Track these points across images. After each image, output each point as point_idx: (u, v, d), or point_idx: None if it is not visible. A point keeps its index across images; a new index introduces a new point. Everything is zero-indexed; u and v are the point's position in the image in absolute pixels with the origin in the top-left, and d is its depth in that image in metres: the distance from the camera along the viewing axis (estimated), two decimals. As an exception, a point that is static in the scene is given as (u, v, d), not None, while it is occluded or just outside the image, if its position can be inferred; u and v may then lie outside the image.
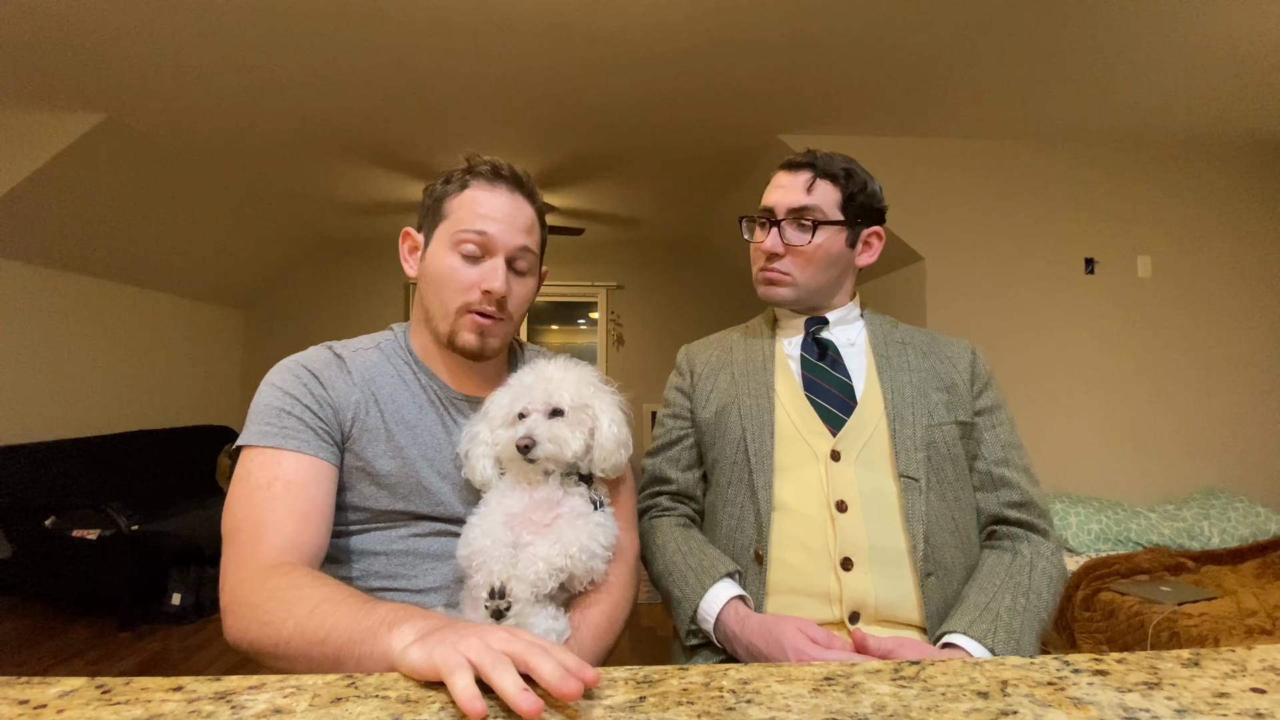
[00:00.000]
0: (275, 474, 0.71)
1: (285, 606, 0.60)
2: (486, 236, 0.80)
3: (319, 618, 0.58)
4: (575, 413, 0.79)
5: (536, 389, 0.79)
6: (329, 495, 0.74)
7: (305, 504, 0.71)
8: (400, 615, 0.54)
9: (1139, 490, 3.04)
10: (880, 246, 1.00)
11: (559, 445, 0.76)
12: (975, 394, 0.94)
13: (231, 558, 0.68)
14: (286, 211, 4.42)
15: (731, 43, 2.34)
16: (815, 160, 0.96)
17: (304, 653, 0.58)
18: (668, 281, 5.64)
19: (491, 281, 0.80)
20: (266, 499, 0.69)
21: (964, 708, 0.41)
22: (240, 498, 0.71)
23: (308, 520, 0.70)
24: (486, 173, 0.83)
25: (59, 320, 3.45)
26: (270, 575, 0.64)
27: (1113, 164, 3.19)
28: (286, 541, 0.68)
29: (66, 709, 0.41)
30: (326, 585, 0.62)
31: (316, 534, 0.71)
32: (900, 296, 3.39)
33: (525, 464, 0.76)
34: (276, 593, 0.62)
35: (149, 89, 2.64)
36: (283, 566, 0.65)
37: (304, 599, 0.60)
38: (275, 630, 0.59)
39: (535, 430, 0.75)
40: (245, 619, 0.62)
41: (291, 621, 0.59)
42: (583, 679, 0.42)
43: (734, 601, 0.83)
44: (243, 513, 0.70)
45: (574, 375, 0.81)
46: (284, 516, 0.69)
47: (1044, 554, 0.85)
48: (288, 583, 0.63)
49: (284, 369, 0.78)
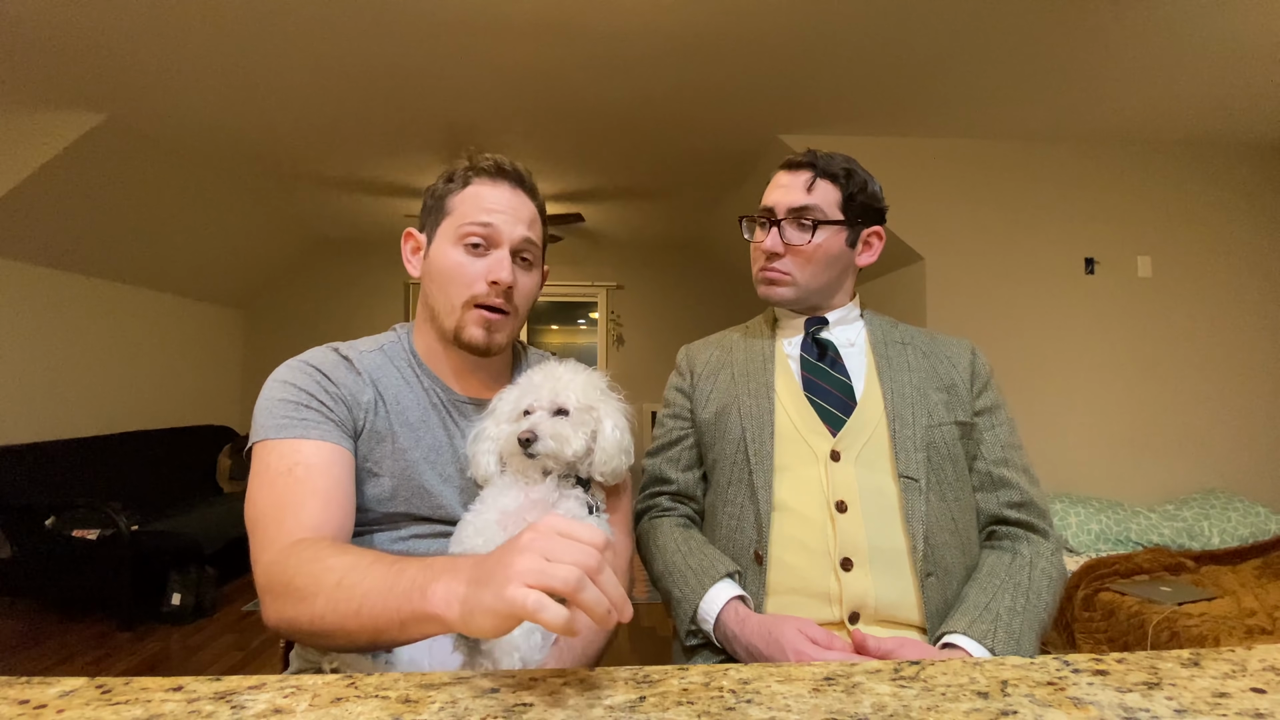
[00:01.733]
0: (296, 459, 0.70)
1: (314, 580, 0.59)
2: (491, 228, 0.81)
3: (347, 589, 0.57)
4: (579, 413, 0.79)
5: (544, 387, 0.79)
6: (350, 479, 0.74)
7: (327, 484, 0.70)
8: (428, 574, 0.53)
9: (1139, 490, 3.04)
10: (880, 246, 1.00)
11: (560, 443, 0.76)
12: (975, 394, 0.94)
13: (257, 543, 0.67)
14: (287, 211, 4.42)
15: (731, 43, 2.34)
16: (815, 160, 0.96)
17: (340, 626, 0.57)
18: (668, 281, 5.64)
19: (498, 272, 0.80)
20: (288, 484, 0.69)
21: (964, 708, 0.41)
22: (261, 488, 0.70)
23: (330, 499, 0.70)
24: (489, 169, 0.84)
25: (59, 320, 3.45)
26: (294, 551, 0.63)
27: (1113, 164, 3.19)
28: (310, 520, 0.67)
29: (66, 709, 0.41)
30: (348, 554, 0.61)
31: (340, 512, 0.70)
32: (900, 296, 3.39)
33: (525, 459, 0.76)
34: (302, 567, 0.61)
35: (149, 89, 2.64)
36: (304, 542, 0.64)
37: (329, 570, 0.59)
38: (308, 606, 0.59)
39: (538, 426, 0.75)
40: (279, 600, 0.62)
41: (322, 596, 0.58)
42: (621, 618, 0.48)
43: (734, 602, 0.83)
44: (265, 500, 0.69)
45: (582, 378, 0.82)
46: (306, 497, 0.68)
47: (1044, 554, 0.85)
48: (311, 555, 0.62)
49: (293, 367, 0.78)
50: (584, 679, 0.47)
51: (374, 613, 0.55)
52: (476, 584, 0.49)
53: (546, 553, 0.46)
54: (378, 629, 0.55)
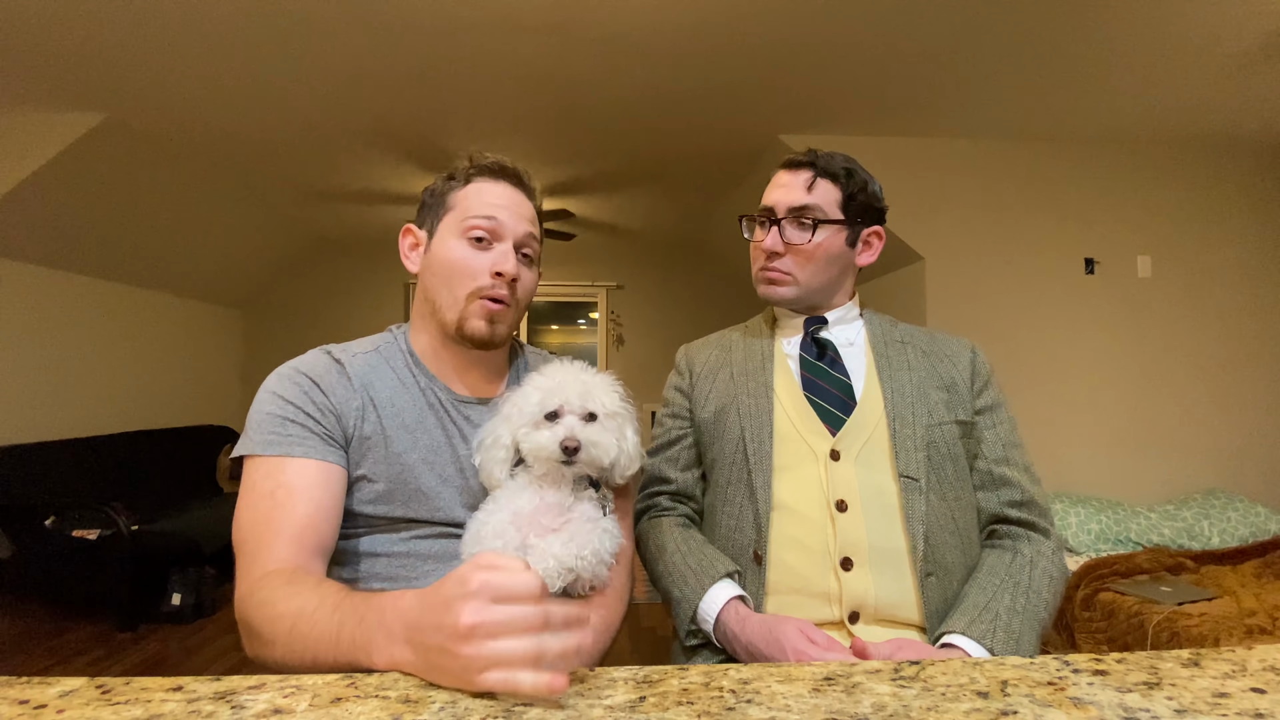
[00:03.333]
0: (279, 481, 0.71)
1: (270, 627, 0.61)
2: (496, 222, 0.82)
3: (300, 638, 0.58)
4: (607, 419, 0.77)
5: (571, 390, 0.76)
6: (335, 496, 0.74)
7: (307, 506, 0.71)
8: (362, 632, 0.53)
9: (1139, 490, 3.04)
10: (880, 246, 1.00)
11: (602, 452, 0.74)
12: (975, 393, 0.94)
13: (237, 571, 0.69)
14: (286, 211, 4.42)
15: (731, 43, 2.34)
16: (816, 159, 0.97)
17: (304, 668, 0.58)
18: (668, 281, 5.64)
19: (503, 264, 0.81)
20: (270, 508, 0.70)
21: (964, 708, 0.41)
22: (245, 509, 0.71)
23: (309, 522, 0.70)
24: (491, 167, 0.86)
25: (59, 320, 3.45)
26: (256, 591, 0.64)
27: (1113, 164, 3.18)
28: (284, 552, 0.68)
29: (66, 709, 0.41)
30: (297, 596, 0.61)
31: (318, 534, 0.71)
32: (900, 296, 3.39)
33: (558, 466, 0.74)
34: (261, 610, 0.62)
35: (149, 89, 2.64)
36: (268, 578, 0.65)
37: (281, 618, 0.60)
38: (271, 651, 0.61)
39: (581, 434, 0.73)
40: (248, 639, 0.65)
41: (279, 644, 0.60)
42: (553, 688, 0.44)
43: (734, 601, 0.83)
44: (247, 523, 0.70)
45: (605, 381, 0.80)
46: (284, 524, 0.69)
47: (1044, 553, 0.85)
48: (267, 598, 0.63)
49: (283, 376, 0.78)
50: (584, 679, 0.47)
51: (326, 665, 0.55)
52: (425, 656, 0.48)
53: (490, 632, 0.44)
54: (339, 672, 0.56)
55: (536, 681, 0.43)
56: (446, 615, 0.46)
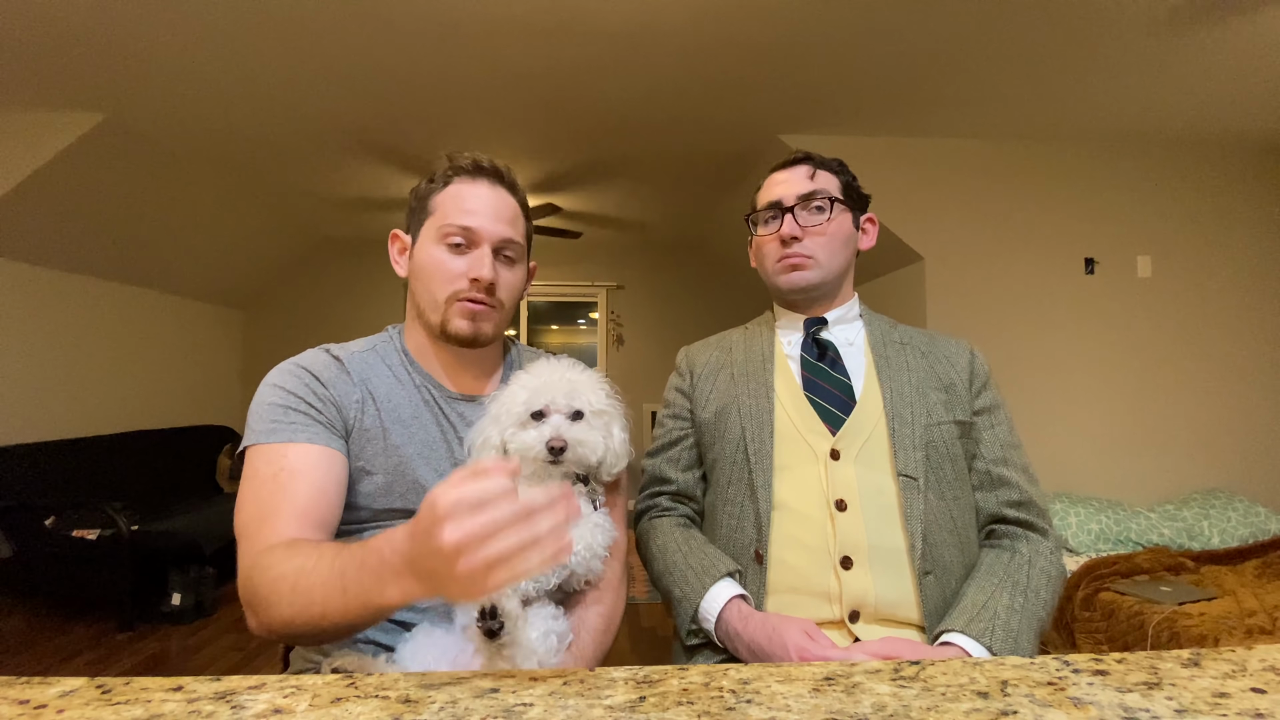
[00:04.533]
0: (281, 464, 0.72)
1: (273, 589, 0.62)
2: (471, 230, 0.83)
3: (304, 593, 0.59)
4: (594, 417, 0.78)
5: (557, 389, 0.76)
6: (337, 480, 0.75)
7: (309, 488, 0.71)
8: (366, 576, 0.55)
9: (1139, 490, 3.04)
10: (875, 231, 1.05)
11: (587, 450, 0.75)
12: (974, 393, 0.94)
13: (239, 554, 0.69)
14: (286, 211, 4.42)
15: (731, 43, 2.34)
16: (810, 156, 1.01)
17: (313, 626, 0.59)
18: (668, 281, 5.64)
19: (479, 270, 0.82)
20: (272, 489, 0.70)
21: (964, 708, 0.41)
22: (247, 494, 0.72)
23: (310, 503, 0.71)
24: (468, 167, 0.86)
25: (59, 320, 3.45)
26: (258, 560, 0.65)
27: (1113, 164, 3.18)
28: (285, 529, 0.68)
29: (66, 709, 0.41)
30: (297, 555, 0.63)
31: (319, 512, 0.71)
32: (900, 296, 3.38)
33: (546, 465, 0.74)
34: (264, 574, 0.63)
35: (149, 89, 2.64)
36: (269, 549, 0.66)
37: (282, 578, 0.61)
38: (278, 612, 0.61)
39: (567, 433, 0.73)
40: (253, 609, 0.65)
41: (284, 603, 0.60)
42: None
43: (735, 600, 0.83)
44: (249, 507, 0.71)
45: (591, 378, 0.80)
46: (286, 503, 0.70)
47: (1043, 553, 0.85)
48: (268, 563, 0.64)
49: (283, 370, 0.79)
50: (584, 679, 0.47)
51: (337, 616, 0.57)
52: (431, 581, 0.51)
53: (477, 542, 0.46)
54: (351, 625, 0.58)
55: (542, 560, 0.45)
56: (432, 541, 0.47)
